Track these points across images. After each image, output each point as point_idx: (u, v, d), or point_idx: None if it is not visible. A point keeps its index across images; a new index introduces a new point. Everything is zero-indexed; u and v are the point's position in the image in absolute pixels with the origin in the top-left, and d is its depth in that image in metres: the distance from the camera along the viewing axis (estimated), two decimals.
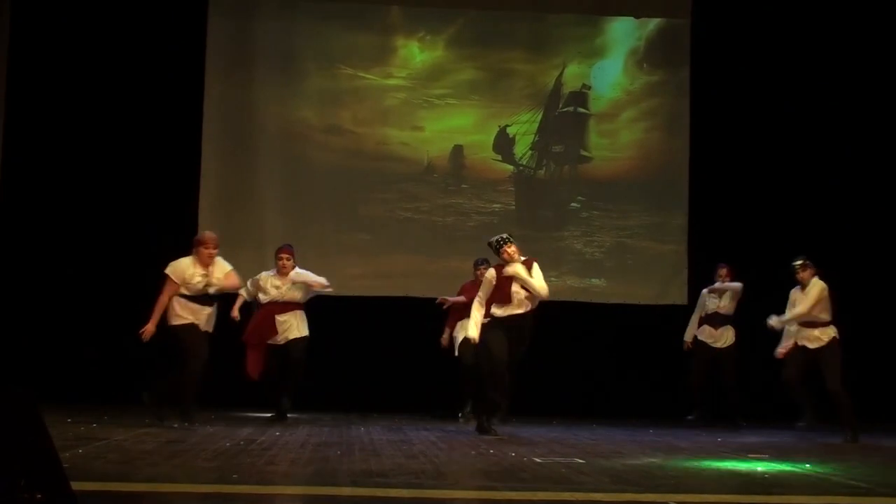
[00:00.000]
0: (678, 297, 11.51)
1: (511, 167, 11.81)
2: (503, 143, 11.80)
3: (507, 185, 11.79)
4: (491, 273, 8.33)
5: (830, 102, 11.70)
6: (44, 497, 3.38)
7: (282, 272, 9.32)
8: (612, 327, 11.40)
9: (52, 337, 10.76)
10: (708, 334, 10.57)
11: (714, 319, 10.56)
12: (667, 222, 11.76)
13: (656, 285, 11.60)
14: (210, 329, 8.48)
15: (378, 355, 10.79)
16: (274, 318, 9.29)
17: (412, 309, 10.81)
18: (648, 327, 11.25)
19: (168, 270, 8.37)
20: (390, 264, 10.27)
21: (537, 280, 8.24)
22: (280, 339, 9.31)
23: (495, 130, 11.77)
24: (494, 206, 11.68)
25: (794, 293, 9.04)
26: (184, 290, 8.35)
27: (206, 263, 8.41)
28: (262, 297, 9.38)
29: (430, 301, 10.21)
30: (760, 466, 6.41)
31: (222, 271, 8.48)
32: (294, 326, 9.34)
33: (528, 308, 8.25)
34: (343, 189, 11.50)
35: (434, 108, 11.75)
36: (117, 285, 10.85)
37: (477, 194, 11.71)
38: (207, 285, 8.39)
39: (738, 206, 11.63)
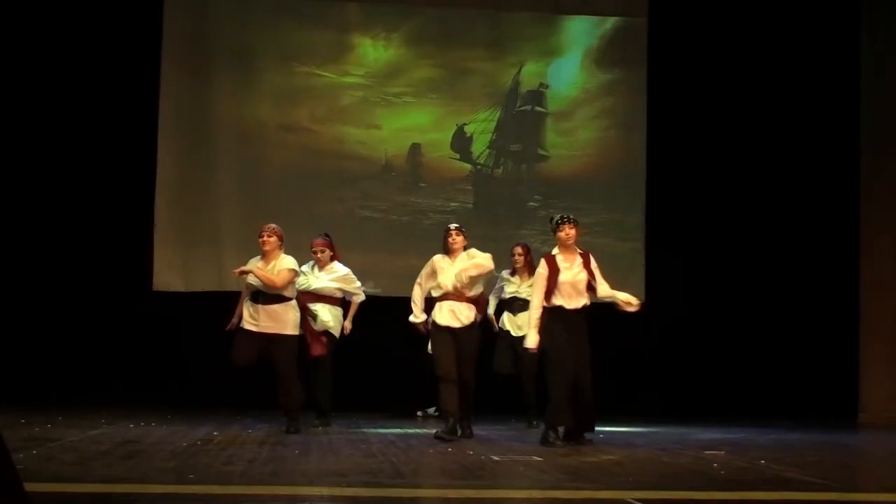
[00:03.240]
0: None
1: (469, 166, 11.81)
2: (461, 142, 11.80)
3: (464, 184, 11.79)
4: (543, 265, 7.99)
5: (786, 101, 11.82)
6: None
7: (319, 265, 9.16)
8: None
9: (4, 336, 10.63)
10: (508, 321, 9.44)
11: (513, 304, 9.44)
12: (624, 220, 11.82)
13: (614, 283, 11.55)
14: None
15: (335, 354, 10.73)
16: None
17: (370, 307, 10.76)
18: (606, 324, 11.25)
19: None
20: (347, 263, 10.16)
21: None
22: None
23: (453, 129, 11.77)
24: (452, 204, 11.67)
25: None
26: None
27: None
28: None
29: (388, 300, 10.16)
30: (716, 463, 6.45)
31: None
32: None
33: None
34: (300, 187, 11.43)
35: (392, 107, 11.71)
36: (71, 283, 10.75)
37: (435, 193, 11.70)
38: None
39: (695, 204, 11.71)
